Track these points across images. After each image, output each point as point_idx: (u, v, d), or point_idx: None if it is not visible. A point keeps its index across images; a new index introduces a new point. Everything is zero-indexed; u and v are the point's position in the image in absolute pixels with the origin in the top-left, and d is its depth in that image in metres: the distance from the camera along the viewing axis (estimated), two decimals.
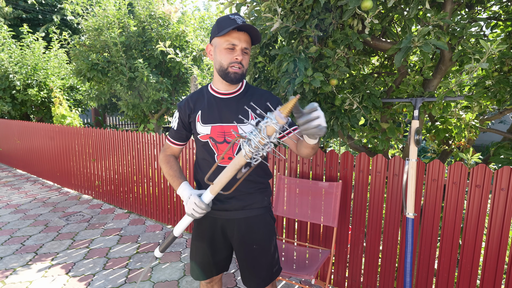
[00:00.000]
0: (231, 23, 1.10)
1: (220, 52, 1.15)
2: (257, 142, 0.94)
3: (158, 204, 3.33)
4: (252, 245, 1.25)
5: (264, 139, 0.93)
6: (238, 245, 1.27)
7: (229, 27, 1.09)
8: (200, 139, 1.23)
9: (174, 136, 1.31)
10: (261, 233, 1.26)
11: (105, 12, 4.01)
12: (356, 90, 1.78)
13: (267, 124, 0.92)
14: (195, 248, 1.33)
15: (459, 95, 1.69)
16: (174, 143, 1.33)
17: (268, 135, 0.92)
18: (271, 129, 0.91)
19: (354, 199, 2.02)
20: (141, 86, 4.04)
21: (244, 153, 0.98)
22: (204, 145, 1.23)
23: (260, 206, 1.28)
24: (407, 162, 1.66)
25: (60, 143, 4.52)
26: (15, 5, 11.33)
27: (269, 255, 1.27)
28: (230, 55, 1.13)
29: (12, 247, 2.79)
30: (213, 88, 1.25)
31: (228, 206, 1.25)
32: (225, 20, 1.12)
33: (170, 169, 1.28)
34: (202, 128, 1.21)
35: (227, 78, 1.16)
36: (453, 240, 1.72)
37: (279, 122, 0.90)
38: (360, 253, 2.04)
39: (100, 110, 8.62)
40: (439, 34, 1.42)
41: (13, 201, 4.10)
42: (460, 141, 2.10)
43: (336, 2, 1.52)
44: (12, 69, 5.63)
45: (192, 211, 1.12)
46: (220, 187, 1.08)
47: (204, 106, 1.22)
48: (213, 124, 1.20)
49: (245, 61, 1.16)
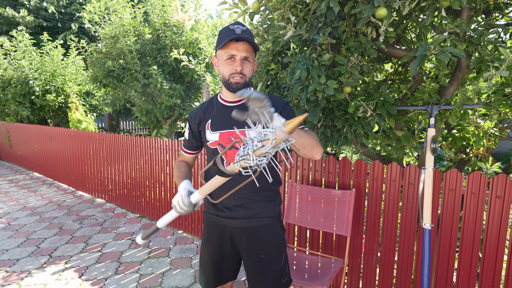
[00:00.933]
0: (230, 34, 1.12)
1: (221, 64, 1.18)
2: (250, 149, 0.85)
3: (169, 209, 3.35)
4: (260, 255, 1.23)
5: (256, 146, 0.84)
6: (246, 254, 1.26)
7: (227, 39, 1.11)
8: (210, 146, 1.26)
9: (186, 145, 1.38)
10: (270, 243, 1.25)
11: (121, 21, 4.12)
12: (370, 98, 1.76)
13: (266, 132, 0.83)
14: (203, 255, 1.33)
15: (477, 103, 1.64)
16: (186, 151, 1.39)
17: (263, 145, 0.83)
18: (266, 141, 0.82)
19: (368, 208, 1.98)
20: (155, 92, 4.11)
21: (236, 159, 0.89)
22: (213, 152, 1.25)
23: (269, 215, 1.27)
24: (423, 171, 1.63)
25: (75, 147, 4.63)
26: (36, 14, 11.82)
27: (278, 266, 1.25)
28: (231, 66, 1.16)
29: (28, 250, 2.86)
30: (222, 97, 1.29)
31: (236, 214, 1.24)
32: (225, 32, 1.15)
33: (178, 171, 1.32)
34: (211, 135, 1.24)
35: (229, 88, 1.19)
36: (473, 252, 1.66)
37: (277, 134, 0.80)
38: (374, 263, 1.99)
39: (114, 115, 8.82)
40: (456, 41, 1.40)
41: (30, 204, 4.21)
42: (479, 149, 2.04)
43: (349, 10, 1.51)
44: (32, 76, 5.84)
45: (176, 203, 1.13)
46: (209, 190, 1.05)
47: (214, 114, 1.26)
48: (221, 130, 1.23)
49: (246, 70, 1.17)
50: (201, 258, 1.35)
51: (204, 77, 4.34)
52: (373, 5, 1.32)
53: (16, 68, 5.95)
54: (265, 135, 0.82)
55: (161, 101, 4.17)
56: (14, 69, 5.97)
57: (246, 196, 1.22)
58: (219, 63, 1.20)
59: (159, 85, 3.86)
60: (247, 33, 1.15)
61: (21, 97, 5.93)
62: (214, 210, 1.29)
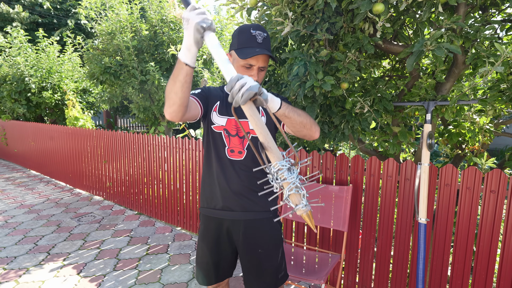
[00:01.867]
0: (251, 43, 1.11)
1: (237, 67, 1.17)
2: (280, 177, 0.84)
3: (167, 206, 3.36)
4: (257, 249, 1.24)
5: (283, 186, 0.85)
6: (243, 248, 1.26)
7: (249, 48, 1.10)
8: (214, 129, 1.23)
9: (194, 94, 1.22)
10: (267, 238, 1.26)
11: (118, 17, 4.09)
12: (367, 94, 1.77)
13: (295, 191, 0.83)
14: (200, 252, 1.33)
15: (473, 99, 1.65)
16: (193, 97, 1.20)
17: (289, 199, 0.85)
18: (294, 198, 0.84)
19: (364, 204, 2.00)
20: (152, 89, 4.10)
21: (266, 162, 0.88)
22: (217, 136, 1.23)
23: (267, 210, 1.27)
24: (419, 166, 1.64)
25: (72, 145, 4.62)
26: (32, 10, 11.69)
27: (274, 261, 1.26)
28: (246, 73, 1.16)
29: (25, 247, 2.86)
30: None
31: (233, 205, 1.24)
32: (246, 36, 1.12)
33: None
34: (218, 119, 1.23)
35: None
36: (467, 246, 1.68)
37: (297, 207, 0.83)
38: (370, 258, 2.02)
39: (112, 112, 8.78)
40: (452, 37, 1.41)
41: (27, 202, 4.20)
42: (474, 145, 2.06)
43: (347, 6, 1.52)
44: (28, 72, 5.79)
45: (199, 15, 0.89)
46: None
47: (223, 98, 1.25)
48: (229, 117, 1.23)
49: (260, 77, 1.19)
50: (198, 255, 1.34)
51: (202, 74, 4.32)
52: (370, 1, 1.32)
53: (11, 65, 5.90)
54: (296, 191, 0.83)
55: (159, 98, 4.16)
56: (9, 66, 5.92)
57: (244, 184, 1.22)
58: (234, 64, 1.18)
59: (156, 81, 3.85)
60: (267, 41, 1.15)
61: (16, 94, 5.88)
62: (212, 203, 1.28)
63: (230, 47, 1.23)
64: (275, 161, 0.86)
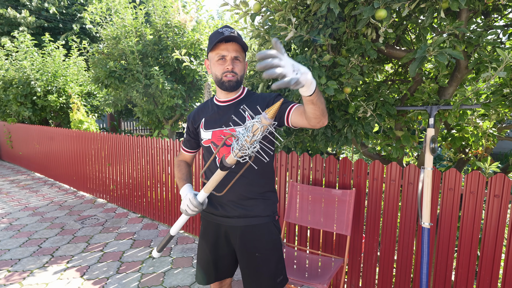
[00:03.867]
0: (219, 36, 1.17)
1: (213, 65, 1.24)
2: (243, 140, 0.99)
3: (171, 209, 3.37)
4: (254, 254, 1.25)
5: (249, 137, 0.97)
6: (240, 252, 1.28)
7: (216, 40, 1.17)
8: (204, 144, 1.32)
9: (184, 143, 1.45)
10: (264, 242, 1.26)
11: (123, 21, 4.15)
12: (370, 98, 1.78)
13: (253, 122, 0.97)
14: (200, 252, 1.37)
15: (475, 103, 1.66)
16: (184, 149, 1.46)
17: (253, 133, 0.97)
18: (255, 127, 0.96)
19: (368, 208, 2.00)
20: (156, 93, 4.13)
21: (232, 151, 1.03)
22: (207, 149, 1.31)
23: (263, 215, 1.28)
24: (422, 170, 1.64)
25: (76, 148, 4.66)
26: (38, 15, 11.86)
27: (272, 265, 1.27)
28: (222, 66, 1.22)
29: (29, 249, 2.88)
30: (216, 98, 1.35)
31: (230, 212, 1.27)
32: (215, 35, 1.21)
33: (179, 172, 1.40)
34: (204, 134, 1.31)
35: (223, 87, 1.25)
36: (471, 251, 1.67)
37: (263, 122, 0.94)
38: (374, 262, 2.01)
39: (116, 115, 8.84)
40: (455, 42, 1.42)
41: (31, 204, 4.23)
42: (477, 149, 2.06)
43: (350, 12, 1.53)
44: (33, 76, 5.86)
45: (186, 207, 1.19)
46: (213, 185, 1.14)
47: (208, 114, 1.33)
48: (213, 129, 1.28)
49: (237, 68, 1.23)
50: (198, 253, 1.39)
51: (205, 78, 4.36)
52: (373, 7, 1.34)
53: (17, 69, 5.98)
54: (253, 125, 0.96)
55: (163, 102, 4.19)
56: (15, 70, 6.00)
57: (239, 193, 1.24)
58: (211, 65, 1.26)
59: (160, 85, 3.89)
60: (235, 34, 1.20)
61: (22, 97, 5.96)
62: (210, 209, 1.32)
63: (207, 52, 1.32)
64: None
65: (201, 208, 1.19)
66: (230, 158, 1.04)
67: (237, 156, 1.02)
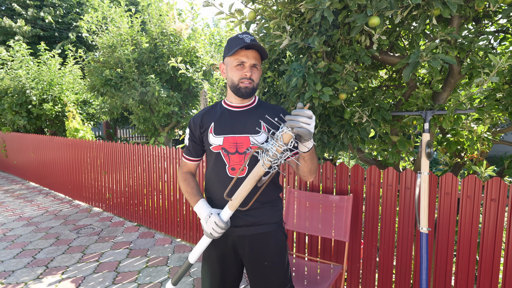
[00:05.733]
0: (240, 43, 1.17)
1: (231, 69, 1.22)
2: (274, 150, 1.02)
3: (167, 217, 3.34)
4: (264, 262, 1.23)
5: (281, 146, 1.01)
6: (249, 262, 1.25)
7: (237, 47, 1.16)
8: (213, 150, 1.25)
9: (188, 152, 1.36)
10: (273, 250, 1.25)
11: (118, 30, 4.17)
12: (365, 104, 1.79)
13: (283, 132, 1.01)
14: (206, 267, 1.31)
15: (469, 108, 1.68)
16: (188, 159, 1.37)
17: (285, 143, 1.01)
18: (287, 137, 1.01)
19: (365, 213, 1.99)
20: (152, 100, 4.13)
21: (262, 162, 1.05)
22: (216, 156, 1.24)
23: (271, 222, 1.27)
24: (419, 175, 1.65)
25: (72, 156, 4.62)
26: (34, 24, 11.87)
27: (281, 273, 1.25)
28: (240, 72, 1.21)
29: (24, 260, 2.83)
30: (227, 102, 1.31)
31: (238, 222, 1.24)
32: (235, 40, 1.20)
33: (187, 186, 1.32)
34: (214, 139, 1.24)
35: (238, 93, 1.23)
36: (470, 255, 1.67)
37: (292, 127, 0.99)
38: (373, 268, 2.00)
39: (112, 123, 8.81)
40: (447, 48, 1.44)
41: (26, 214, 4.17)
42: (473, 153, 2.07)
43: (343, 19, 1.55)
44: (29, 85, 5.84)
45: (212, 231, 1.13)
46: (240, 201, 1.11)
47: (217, 118, 1.27)
48: (225, 135, 1.23)
49: (255, 76, 1.23)
50: (203, 269, 1.33)
51: (201, 85, 4.37)
52: (366, 14, 1.35)
53: (13, 78, 5.95)
54: (283, 135, 1.01)
55: (159, 109, 4.19)
56: (11, 79, 5.97)
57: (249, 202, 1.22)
58: (228, 69, 1.24)
59: (156, 93, 3.89)
60: (255, 42, 1.21)
61: (17, 106, 5.92)
62: None
63: (223, 56, 1.28)
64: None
65: (227, 227, 1.14)
66: (260, 170, 1.06)
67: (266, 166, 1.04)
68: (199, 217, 1.22)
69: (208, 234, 1.15)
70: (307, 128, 0.99)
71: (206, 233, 1.15)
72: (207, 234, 1.15)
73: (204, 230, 1.16)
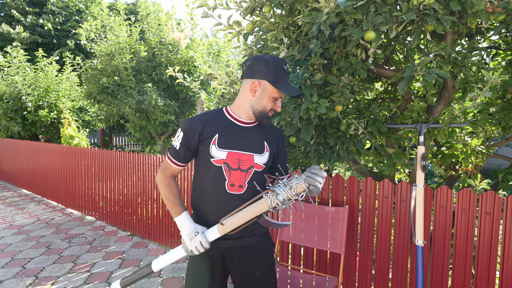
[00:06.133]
0: (285, 78, 1.22)
1: (268, 98, 1.23)
2: (285, 196, 1.08)
3: (161, 227, 3.29)
4: (254, 272, 1.24)
5: (292, 196, 1.08)
6: (239, 273, 1.25)
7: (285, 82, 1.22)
8: (214, 163, 1.19)
9: (176, 156, 1.24)
10: (263, 260, 1.27)
11: (117, 38, 4.19)
12: (361, 116, 1.81)
13: (297, 184, 1.08)
14: (191, 278, 1.27)
15: (463, 122, 1.70)
16: (175, 163, 1.25)
17: (297, 194, 1.08)
18: (300, 189, 1.08)
19: (361, 225, 1.98)
20: (149, 109, 4.13)
21: (269, 203, 1.09)
22: (216, 170, 1.19)
23: (260, 233, 1.30)
24: (414, 187, 1.65)
25: (66, 164, 4.56)
26: (32, 31, 11.91)
27: (271, 281, 1.29)
28: (273, 104, 1.25)
29: (12, 270, 2.75)
30: (233, 115, 1.26)
31: (229, 235, 1.21)
32: (281, 69, 1.21)
33: (170, 194, 1.24)
34: (217, 152, 1.19)
35: (264, 120, 1.25)
36: (465, 268, 1.66)
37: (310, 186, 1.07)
38: (369, 281, 1.97)
39: (107, 130, 8.76)
40: (441, 63, 1.46)
41: (17, 222, 4.08)
42: (467, 166, 2.09)
43: (340, 33, 1.58)
44: (25, 91, 5.82)
45: (194, 249, 1.14)
46: (231, 229, 1.12)
47: (222, 130, 1.21)
48: (230, 150, 1.19)
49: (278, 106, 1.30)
50: (188, 281, 1.28)
51: (199, 94, 4.38)
52: (362, 29, 1.38)
53: (9, 84, 5.93)
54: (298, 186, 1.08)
55: (155, 117, 4.18)
56: (7, 85, 5.95)
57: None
58: (265, 96, 1.21)
59: (153, 101, 3.89)
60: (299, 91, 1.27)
61: (12, 112, 5.88)
62: None
63: (259, 75, 1.20)
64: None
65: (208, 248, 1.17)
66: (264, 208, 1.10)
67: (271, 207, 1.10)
68: (180, 229, 1.20)
69: (187, 251, 1.15)
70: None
71: (187, 249, 1.15)
72: (187, 251, 1.15)
73: (185, 245, 1.15)
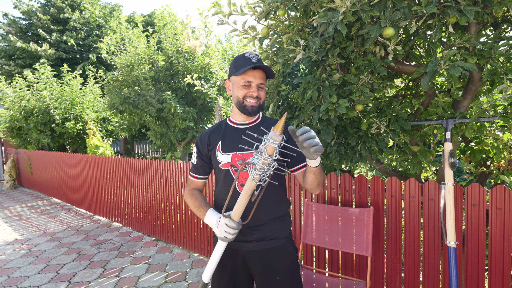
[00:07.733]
0: (247, 63, 1.20)
1: (237, 88, 1.25)
2: (261, 164, 1.04)
3: (185, 232, 3.35)
4: (275, 277, 1.22)
5: (267, 159, 1.03)
6: (260, 277, 1.24)
7: (245, 67, 1.19)
8: (222, 168, 1.27)
9: (195, 170, 1.36)
10: (284, 265, 1.24)
11: (136, 50, 4.34)
12: (383, 114, 1.77)
13: (266, 145, 1.02)
14: (215, 281, 1.31)
15: (493, 115, 1.62)
16: (196, 177, 1.37)
17: (269, 155, 1.02)
18: (270, 149, 1.02)
19: (387, 226, 1.92)
20: (169, 116, 4.23)
21: (252, 177, 1.06)
22: (225, 174, 1.26)
23: (281, 237, 1.27)
24: (443, 186, 1.59)
25: (92, 172, 4.76)
26: (57, 47, 12.57)
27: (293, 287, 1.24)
28: (246, 90, 1.24)
29: (48, 276, 2.89)
30: (232, 120, 1.34)
31: (249, 237, 1.24)
32: (241, 59, 1.23)
33: (195, 201, 1.31)
34: (222, 157, 1.26)
35: (245, 110, 1.25)
36: (504, 270, 1.57)
37: (276, 140, 1.00)
38: (398, 284, 1.91)
39: (129, 139, 9.06)
40: (466, 55, 1.41)
41: (49, 229, 4.29)
42: (500, 162, 1.98)
43: (357, 31, 1.55)
44: (52, 105, 6.13)
45: (225, 234, 1.13)
46: (239, 216, 1.12)
47: (224, 136, 1.30)
48: (233, 152, 1.25)
49: (261, 94, 1.26)
50: (213, 284, 1.32)
51: (216, 100, 4.44)
52: (380, 26, 1.35)
53: (38, 99, 6.28)
54: (267, 147, 1.01)
55: (175, 124, 4.28)
56: (36, 100, 6.30)
57: (258, 217, 1.23)
58: (234, 87, 1.26)
59: (172, 109, 3.98)
60: (261, 61, 1.23)
61: (42, 125, 6.21)
62: None
63: (229, 74, 1.30)
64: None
65: (239, 228, 1.13)
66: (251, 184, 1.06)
67: (256, 180, 1.06)
68: (210, 226, 1.22)
69: (222, 238, 1.14)
70: (320, 144, 1.00)
71: (220, 237, 1.15)
72: (221, 238, 1.14)
73: (218, 235, 1.15)
